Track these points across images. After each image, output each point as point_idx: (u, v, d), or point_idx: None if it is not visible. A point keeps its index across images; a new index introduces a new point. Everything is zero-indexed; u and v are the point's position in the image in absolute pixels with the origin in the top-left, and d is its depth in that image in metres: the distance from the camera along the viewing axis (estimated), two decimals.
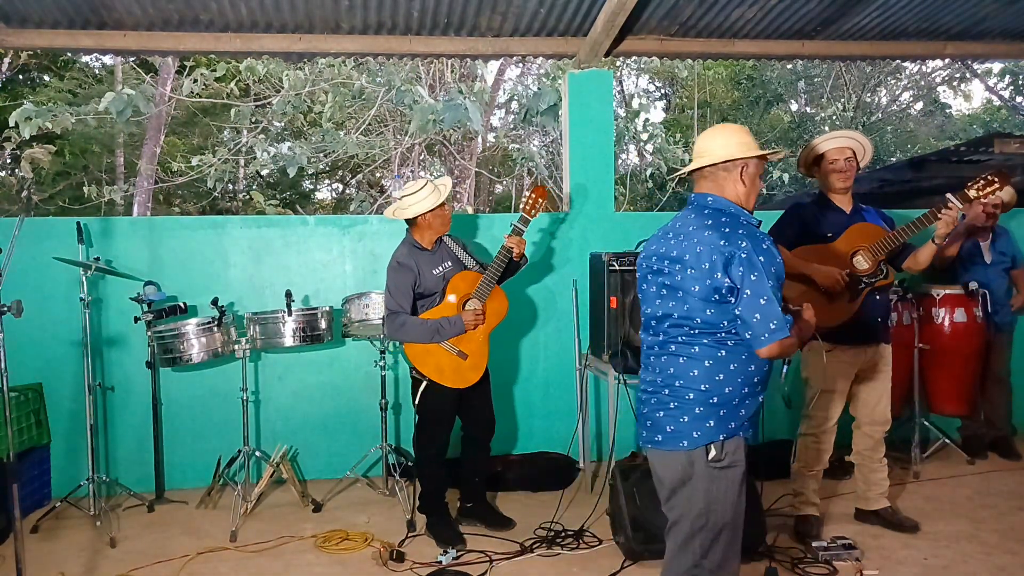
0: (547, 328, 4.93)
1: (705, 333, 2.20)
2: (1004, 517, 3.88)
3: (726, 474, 2.21)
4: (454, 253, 3.78)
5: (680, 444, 2.21)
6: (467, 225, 4.86)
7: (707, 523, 2.21)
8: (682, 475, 2.24)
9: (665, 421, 2.24)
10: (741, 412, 2.23)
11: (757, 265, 2.10)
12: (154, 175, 10.77)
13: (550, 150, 11.21)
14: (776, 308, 2.10)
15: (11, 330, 2.81)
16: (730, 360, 2.19)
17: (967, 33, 5.14)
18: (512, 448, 4.90)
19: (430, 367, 3.61)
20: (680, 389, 2.22)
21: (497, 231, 4.83)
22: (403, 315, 3.59)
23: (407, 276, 3.61)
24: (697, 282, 2.17)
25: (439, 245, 3.77)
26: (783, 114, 14.24)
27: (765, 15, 4.74)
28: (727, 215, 2.23)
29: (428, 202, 3.61)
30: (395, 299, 3.61)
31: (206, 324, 4.07)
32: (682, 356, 2.23)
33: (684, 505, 2.25)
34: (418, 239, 3.72)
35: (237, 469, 4.34)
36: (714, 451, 2.19)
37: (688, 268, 2.19)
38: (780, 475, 4.22)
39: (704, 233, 2.18)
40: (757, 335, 2.11)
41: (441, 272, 3.69)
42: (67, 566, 3.50)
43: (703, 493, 2.21)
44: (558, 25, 4.76)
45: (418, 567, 3.41)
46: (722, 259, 2.12)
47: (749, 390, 2.23)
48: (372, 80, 8.88)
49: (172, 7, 4.33)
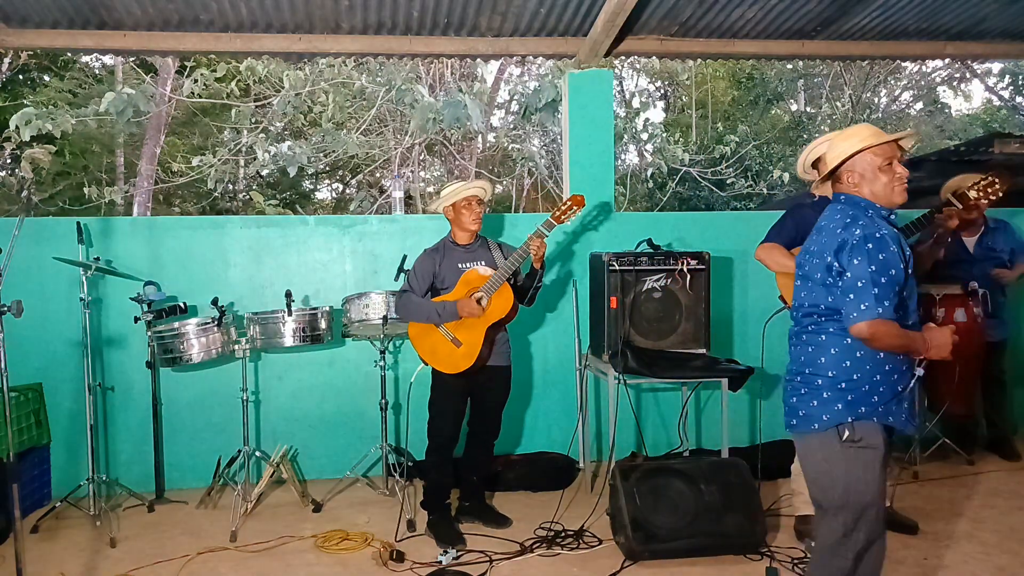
0: (547, 328, 4.93)
1: (831, 320, 2.33)
2: (1004, 517, 3.88)
3: (861, 455, 2.30)
4: (491, 255, 3.83)
5: (811, 427, 2.35)
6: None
7: (848, 502, 2.32)
8: (820, 457, 2.36)
9: (799, 406, 2.40)
10: (874, 398, 2.31)
11: (863, 251, 2.22)
12: (154, 175, 10.78)
13: (550, 150, 11.21)
14: (871, 292, 2.19)
15: (11, 330, 2.81)
16: (857, 347, 2.29)
17: (967, 33, 5.14)
18: (512, 448, 4.90)
19: (425, 348, 3.74)
20: (810, 376, 2.37)
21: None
22: (409, 292, 3.77)
23: (428, 264, 3.79)
24: (818, 269, 2.34)
25: (477, 245, 3.84)
26: (783, 114, 14.24)
27: (765, 15, 4.74)
28: (853, 207, 2.36)
29: (448, 198, 3.75)
30: (409, 280, 3.80)
31: (206, 324, 4.07)
32: (811, 344, 2.39)
33: (826, 485, 2.37)
34: (453, 235, 3.85)
35: (237, 469, 4.35)
36: (847, 432, 2.28)
37: (815, 258, 2.37)
38: (780, 475, 4.24)
39: (830, 224, 2.36)
40: (847, 314, 2.23)
41: (466, 269, 3.77)
42: (67, 566, 3.50)
43: (842, 474, 2.31)
44: (558, 25, 4.76)
45: (418, 567, 3.41)
46: (835, 245, 2.28)
47: (882, 377, 2.31)
48: (372, 80, 8.88)
49: (172, 7, 4.33)
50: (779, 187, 11.20)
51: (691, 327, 4.26)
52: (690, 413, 4.87)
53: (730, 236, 5.03)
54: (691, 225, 5.09)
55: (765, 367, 3.81)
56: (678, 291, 4.25)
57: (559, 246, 4.92)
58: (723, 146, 10.66)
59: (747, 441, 5.01)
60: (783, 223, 3.64)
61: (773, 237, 3.62)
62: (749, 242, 4.05)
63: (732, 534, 3.40)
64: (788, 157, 12.54)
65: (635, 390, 4.92)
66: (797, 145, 12.87)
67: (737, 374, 4.06)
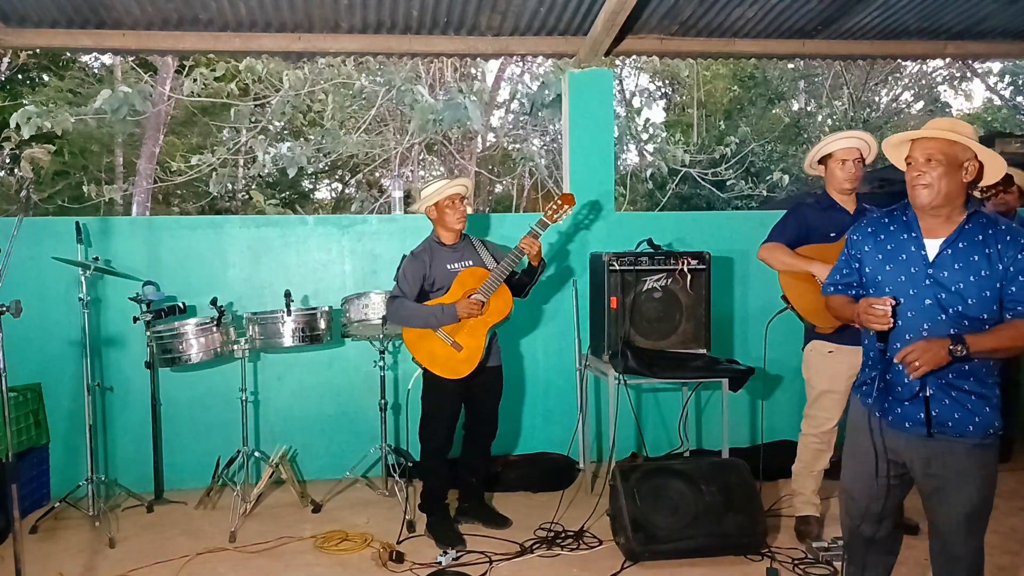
0: (547, 328, 4.92)
1: None
2: (1004, 518, 3.87)
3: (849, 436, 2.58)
4: (478, 254, 3.79)
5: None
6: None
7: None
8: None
9: None
10: (859, 378, 2.53)
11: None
12: (153, 175, 10.76)
13: (550, 150, 11.20)
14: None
15: (10, 330, 2.80)
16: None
17: (968, 33, 5.14)
18: (512, 448, 4.89)
19: (423, 353, 3.65)
20: None
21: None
22: (401, 298, 3.68)
23: (417, 267, 3.71)
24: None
25: (463, 244, 3.80)
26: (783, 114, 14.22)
27: (766, 14, 4.73)
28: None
29: (432, 197, 3.68)
30: (399, 285, 3.72)
31: (205, 324, 4.06)
32: None
33: None
34: (438, 235, 3.78)
35: (236, 469, 4.34)
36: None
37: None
38: (780, 475, 4.23)
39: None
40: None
41: (457, 269, 3.72)
42: (66, 566, 3.49)
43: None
44: (558, 24, 4.75)
45: (418, 567, 3.40)
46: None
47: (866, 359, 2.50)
48: (372, 80, 8.87)
49: (171, 6, 4.32)
50: (779, 188, 11.18)
51: (691, 327, 4.25)
52: (690, 413, 4.86)
53: (730, 236, 5.02)
54: (691, 225, 5.08)
55: (766, 367, 3.80)
56: (678, 291, 4.24)
57: (559, 246, 4.91)
58: (723, 147, 10.66)
59: (748, 441, 5.01)
60: (786, 222, 3.63)
61: (776, 236, 3.61)
62: (750, 242, 4.04)
63: (732, 535, 3.39)
64: (789, 157, 12.52)
65: (635, 390, 4.91)
66: (798, 145, 12.86)
67: (737, 374, 4.05)
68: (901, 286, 2.33)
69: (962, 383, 2.27)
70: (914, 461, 2.36)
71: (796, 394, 4.83)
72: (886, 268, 2.38)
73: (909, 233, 2.35)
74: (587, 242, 4.89)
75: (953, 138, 2.24)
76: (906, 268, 2.33)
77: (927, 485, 2.36)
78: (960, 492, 2.32)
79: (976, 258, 2.23)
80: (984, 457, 2.31)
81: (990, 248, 2.22)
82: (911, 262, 2.32)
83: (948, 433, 2.29)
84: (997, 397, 2.31)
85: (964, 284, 2.23)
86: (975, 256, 2.23)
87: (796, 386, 4.80)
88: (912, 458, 2.36)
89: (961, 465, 2.30)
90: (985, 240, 2.24)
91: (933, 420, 2.30)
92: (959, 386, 2.28)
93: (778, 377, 4.97)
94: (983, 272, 2.22)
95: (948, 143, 2.24)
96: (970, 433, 2.28)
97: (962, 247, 2.26)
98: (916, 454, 2.35)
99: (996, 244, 2.22)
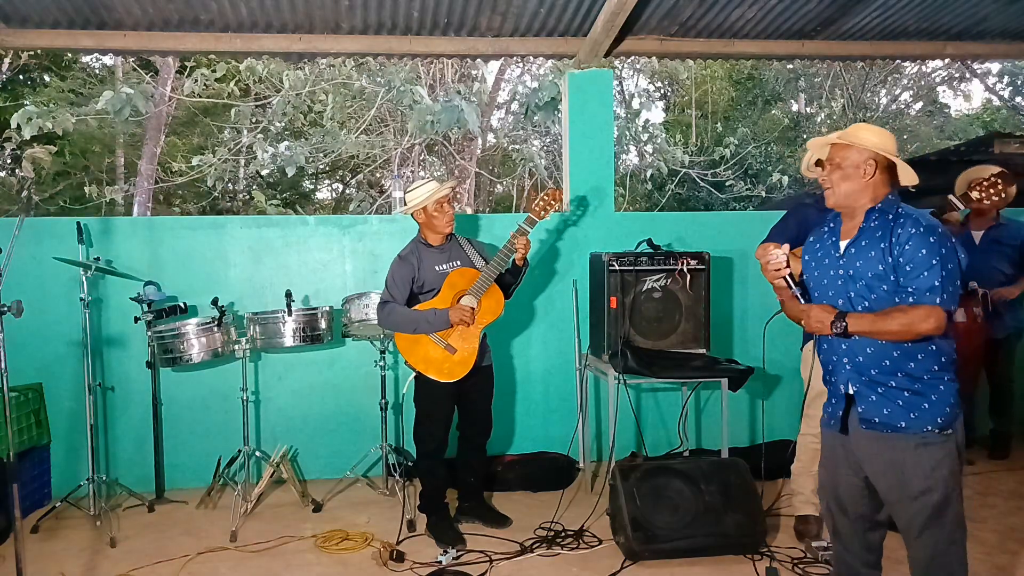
0: (547, 328, 4.92)
1: None
2: (1004, 517, 3.88)
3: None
4: (465, 254, 3.78)
5: None
6: (468, 225, 4.86)
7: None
8: None
9: None
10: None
11: None
12: (154, 175, 10.77)
13: (550, 150, 11.21)
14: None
15: (11, 330, 2.81)
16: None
17: (967, 33, 5.14)
18: (512, 448, 4.90)
19: (417, 357, 3.63)
20: None
21: (498, 231, 4.82)
22: (391, 303, 3.65)
23: (405, 270, 3.68)
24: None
25: (450, 244, 3.79)
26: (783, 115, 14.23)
27: (765, 15, 4.74)
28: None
29: (422, 198, 3.65)
30: (389, 290, 3.69)
31: (206, 324, 4.07)
32: None
33: None
34: (424, 236, 3.76)
35: (237, 469, 4.35)
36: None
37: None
38: (780, 475, 4.23)
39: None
40: None
41: (446, 270, 3.70)
42: (67, 566, 3.50)
43: None
44: (558, 25, 4.76)
45: (418, 567, 3.41)
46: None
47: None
48: (372, 80, 8.89)
49: (172, 7, 4.33)
50: (777, 189, 11.19)
51: (691, 327, 4.26)
52: (690, 413, 4.87)
53: (730, 236, 5.03)
54: (691, 225, 5.09)
55: (765, 367, 3.81)
56: (678, 291, 4.25)
57: (559, 246, 4.92)
58: (723, 148, 10.67)
59: (747, 441, 5.02)
60: (785, 222, 3.64)
61: (775, 237, 3.61)
62: (749, 242, 4.04)
63: (732, 534, 3.40)
64: (787, 158, 12.53)
65: (635, 390, 4.92)
66: (796, 146, 12.86)
67: (737, 374, 4.06)
68: (824, 288, 2.47)
69: (887, 379, 2.31)
70: (862, 461, 2.39)
71: (795, 394, 4.85)
72: (815, 272, 2.51)
73: (832, 237, 2.48)
74: (587, 242, 4.90)
75: (836, 141, 2.41)
76: (827, 270, 2.46)
77: (876, 484, 2.38)
78: (904, 490, 2.30)
79: (874, 253, 2.32)
80: (931, 453, 2.26)
81: (885, 242, 2.29)
82: (830, 264, 2.45)
83: (879, 430, 2.32)
84: (944, 393, 2.28)
85: (865, 280, 2.33)
86: (873, 252, 2.32)
87: (795, 386, 4.82)
88: (860, 457, 2.40)
89: (903, 462, 2.28)
90: (883, 235, 2.31)
91: (860, 416, 2.35)
92: (884, 382, 2.31)
93: (777, 377, 4.98)
94: (879, 267, 2.29)
95: (843, 147, 2.38)
96: (905, 429, 2.27)
97: (864, 244, 2.35)
98: (862, 453, 2.39)
99: (891, 237, 2.29)
